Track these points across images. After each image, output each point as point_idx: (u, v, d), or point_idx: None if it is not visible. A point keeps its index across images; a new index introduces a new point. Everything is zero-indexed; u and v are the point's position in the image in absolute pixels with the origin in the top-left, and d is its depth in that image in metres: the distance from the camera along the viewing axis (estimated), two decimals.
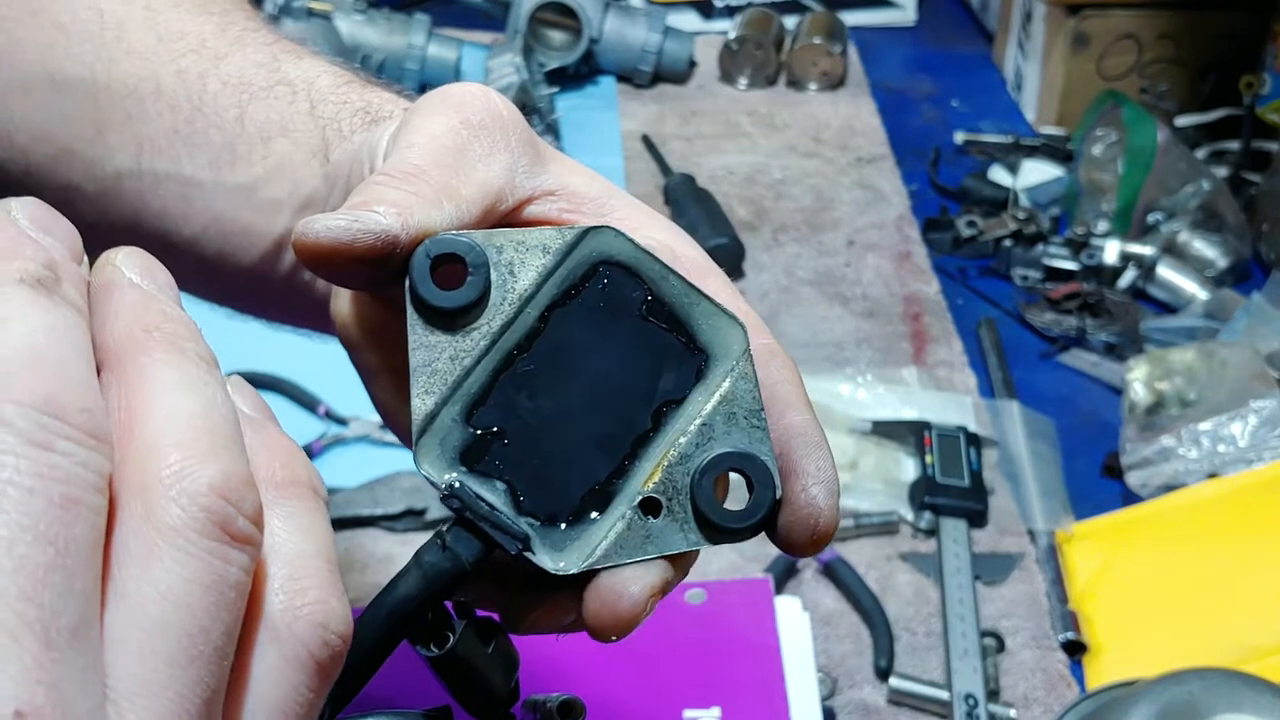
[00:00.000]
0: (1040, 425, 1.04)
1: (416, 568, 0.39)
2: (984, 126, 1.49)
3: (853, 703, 0.83)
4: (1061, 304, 1.17)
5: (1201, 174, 1.24)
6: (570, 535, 0.40)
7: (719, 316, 0.41)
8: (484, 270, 0.40)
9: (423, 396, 0.39)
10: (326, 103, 0.51)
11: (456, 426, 0.39)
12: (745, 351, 0.41)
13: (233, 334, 1.19)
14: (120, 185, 0.53)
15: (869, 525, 0.95)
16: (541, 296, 0.40)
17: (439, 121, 0.43)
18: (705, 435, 0.40)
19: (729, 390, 0.41)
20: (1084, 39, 1.40)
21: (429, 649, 0.39)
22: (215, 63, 0.52)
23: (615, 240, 0.41)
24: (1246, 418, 0.97)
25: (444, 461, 0.39)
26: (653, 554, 0.40)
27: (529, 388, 0.40)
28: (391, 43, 1.45)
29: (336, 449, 1.02)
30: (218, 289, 0.55)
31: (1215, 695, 0.68)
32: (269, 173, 0.51)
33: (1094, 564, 0.93)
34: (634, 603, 0.39)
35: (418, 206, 0.40)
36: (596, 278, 0.41)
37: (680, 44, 1.55)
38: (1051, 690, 0.84)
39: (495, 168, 0.43)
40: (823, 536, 0.40)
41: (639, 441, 0.40)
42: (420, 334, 0.40)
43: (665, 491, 0.40)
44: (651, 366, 0.41)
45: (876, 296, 1.21)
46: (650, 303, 0.41)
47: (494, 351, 0.40)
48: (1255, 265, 1.24)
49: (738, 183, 1.38)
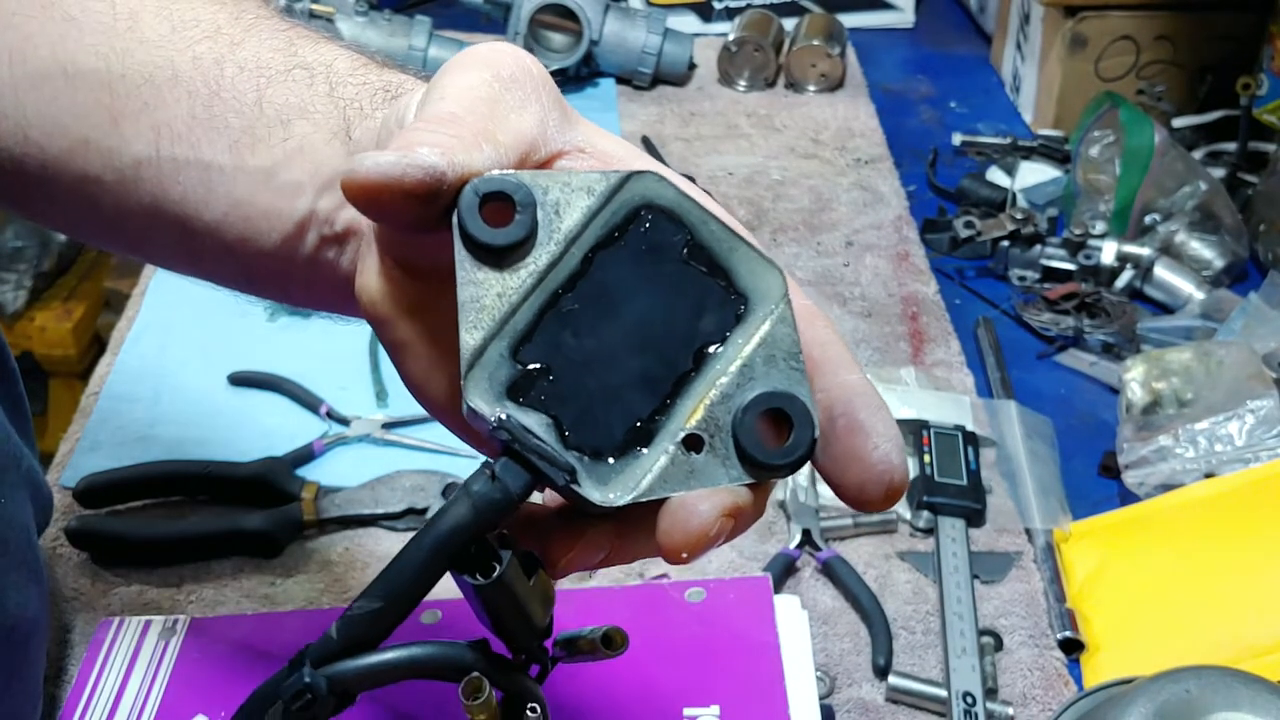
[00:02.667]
0: (1038, 425, 1.05)
1: (466, 498, 0.39)
2: (982, 128, 1.49)
3: (851, 701, 0.83)
4: (1059, 304, 1.18)
5: (1198, 175, 1.24)
6: (615, 469, 0.40)
7: (758, 262, 0.42)
8: (531, 209, 0.41)
9: (471, 331, 0.40)
10: (345, 84, 0.51)
11: (504, 362, 0.40)
12: (784, 296, 0.42)
13: (233, 334, 1.21)
14: (139, 173, 0.53)
15: (867, 524, 0.95)
16: (586, 237, 0.41)
17: (471, 75, 0.44)
18: (745, 376, 0.41)
19: (768, 333, 0.42)
20: (1081, 40, 1.41)
21: (475, 578, 0.40)
22: (231, 49, 0.52)
23: (658, 185, 0.42)
24: (1243, 417, 0.98)
25: (492, 395, 0.40)
26: (696, 488, 0.40)
27: (573, 326, 0.41)
28: (393, 45, 1.45)
29: (337, 449, 1.02)
30: (241, 273, 0.55)
31: (1212, 693, 0.68)
32: (289, 155, 0.51)
33: (1091, 563, 0.93)
34: (703, 521, 0.40)
35: (459, 147, 0.40)
36: (639, 221, 0.42)
37: (680, 46, 1.55)
38: (1049, 688, 0.84)
39: (528, 119, 0.43)
40: (896, 491, 0.41)
41: (680, 381, 0.41)
42: (468, 270, 0.40)
43: (707, 429, 0.41)
44: (692, 309, 0.42)
45: (875, 297, 1.21)
46: (691, 247, 0.42)
47: (540, 290, 0.41)
48: (1252, 266, 1.24)
49: (737, 184, 1.39)
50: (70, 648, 0.86)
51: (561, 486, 0.39)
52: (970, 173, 1.38)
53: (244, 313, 1.14)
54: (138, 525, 0.94)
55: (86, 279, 1.99)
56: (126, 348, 1.13)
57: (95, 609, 0.89)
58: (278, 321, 1.15)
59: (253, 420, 1.05)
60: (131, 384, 1.09)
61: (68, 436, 1.04)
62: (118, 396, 1.08)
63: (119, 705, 0.78)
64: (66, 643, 0.86)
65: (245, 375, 1.09)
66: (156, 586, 0.91)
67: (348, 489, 0.96)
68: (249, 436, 1.02)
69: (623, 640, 0.44)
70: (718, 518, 0.40)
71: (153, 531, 0.93)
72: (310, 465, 1.00)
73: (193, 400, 1.07)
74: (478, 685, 0.41)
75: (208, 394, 1.08)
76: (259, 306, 1.16)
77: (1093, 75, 1.42)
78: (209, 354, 1.11)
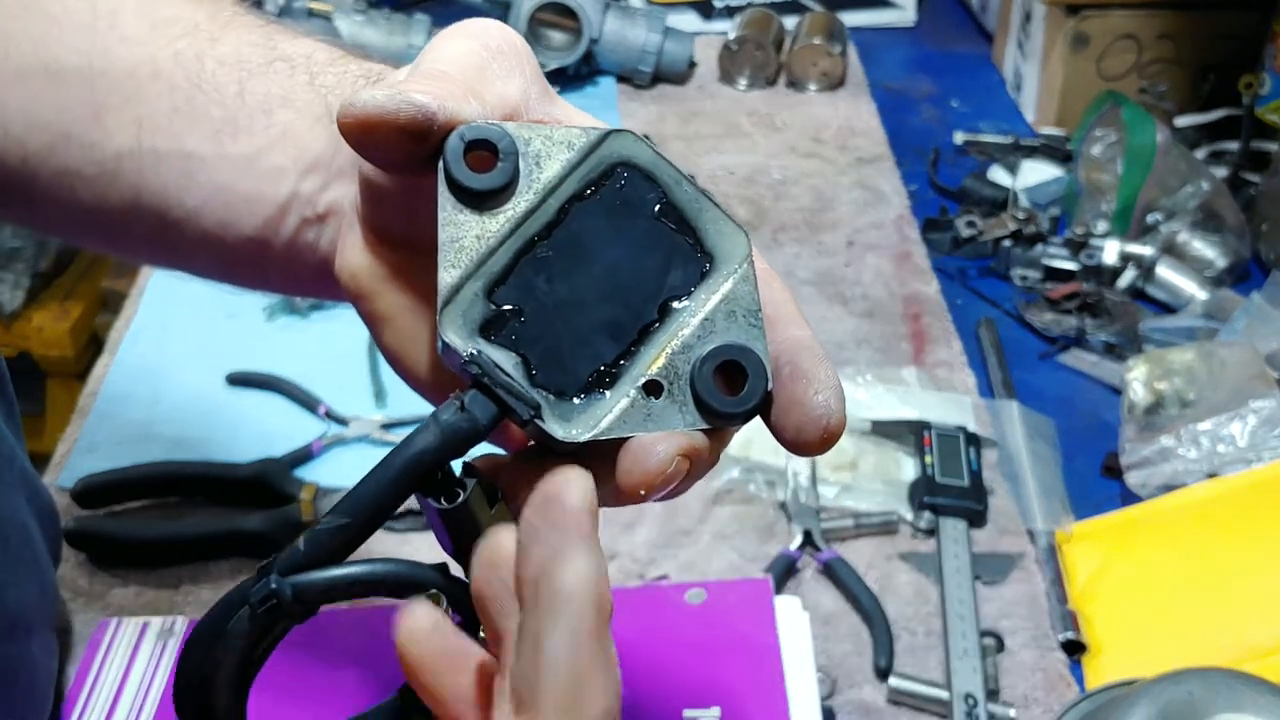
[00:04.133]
0: (1040, 425, 1.04)
1: (435, 425, 0.42)
2: (983, 127, 1.49)
3: (852, 702, 0.83)
4: (1061, 304, 1.18)
5: (1201, 174, 1.24)
6: (578, 409, 0.43)
7: (725, 223, 0.45)
8: (513, 158, 0.43)
9: (449, 269, 0.42)
10: (326, 73, 0.53)
11: (478, 300, 0.43)
12: (747, 256, 0.45)
13: (231, 334, 1.20)
14: (120, 166, 0.54)
15: (869, 525, 0.95)
16: (564, 189, 0.44)
17: (461, 44, 0.47)
18: (707, 329, 0.44)
19: (731, 290, 0.44)
20: (1083, 39, 1.40)
21: (439, 502, 0.42)
22: (211, 44, 0.54)
23: (635, 145, 0.45)
24: (1246, 418, 0.97)
25: (465, 331, 0.42)
26: (653, 430, 0.43)
27: (547, 272, 0.43)
28: (392, 43, 1.45)
29: (336, 449, 1.01)
30: (220, 261, 0.56)
31: (1215, 695, 0.68)
32: (272, 142, 0.52)
33: (1093, 564, 0.93)
34: (660, 460, 0.42)
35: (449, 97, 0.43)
36: (615, 177, 0.44)
37: (680, 44, 1.55)
38: (1051, 690, 0.84)
39: (512, 87, 0.46)
40: (833, 435, 0.44)
41: (645, 330, 0.44)
42: (450, 211, 0.43)
43: (667, 376, 0.43)
44: (661, 264, 0.44)
45: (876, 296, 1.21)
46: (663, 205, 0.45)
47: (516, 236, 0.43)
48: (1254, 265, 1.24)
49: (737, 183, 1.38)
50: (69, 648, 0.86)
51: (526, 420, 0.41)
52: (972, 172, 1.38)
53: (242, 313, 1.15)
54: (136, 526, 0.94)
55: (84, 279, 1.99)
56: (124, 348, 1.13)
57: (93, 610, 0.89)
58: (276, 321, 1.15)
59: (251, 421, 1.05)
60: (129, 384, 1.09)
61: (65, 437, 1.04)
62: (115, 397, 1.07)
63: (117, 705, 0.78)
64: (65, 643, 0.86)
65: (243, 375, 1.08)
66: (154, 587, 0.91)
67: (346, 489, 0.95)
68: (247, 437, 1.02)
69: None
70: (673, 458, 0.42)
71: (151, 532, 0.93)
72: (308, 466, 1.00)
73: (191, 400, 1.07)
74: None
75: (206, 394, 1.07)
76: (257, 306, 1.16)
77: (1095, 74, 1.41)
78: (207, 354, 1.11)
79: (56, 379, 1.92)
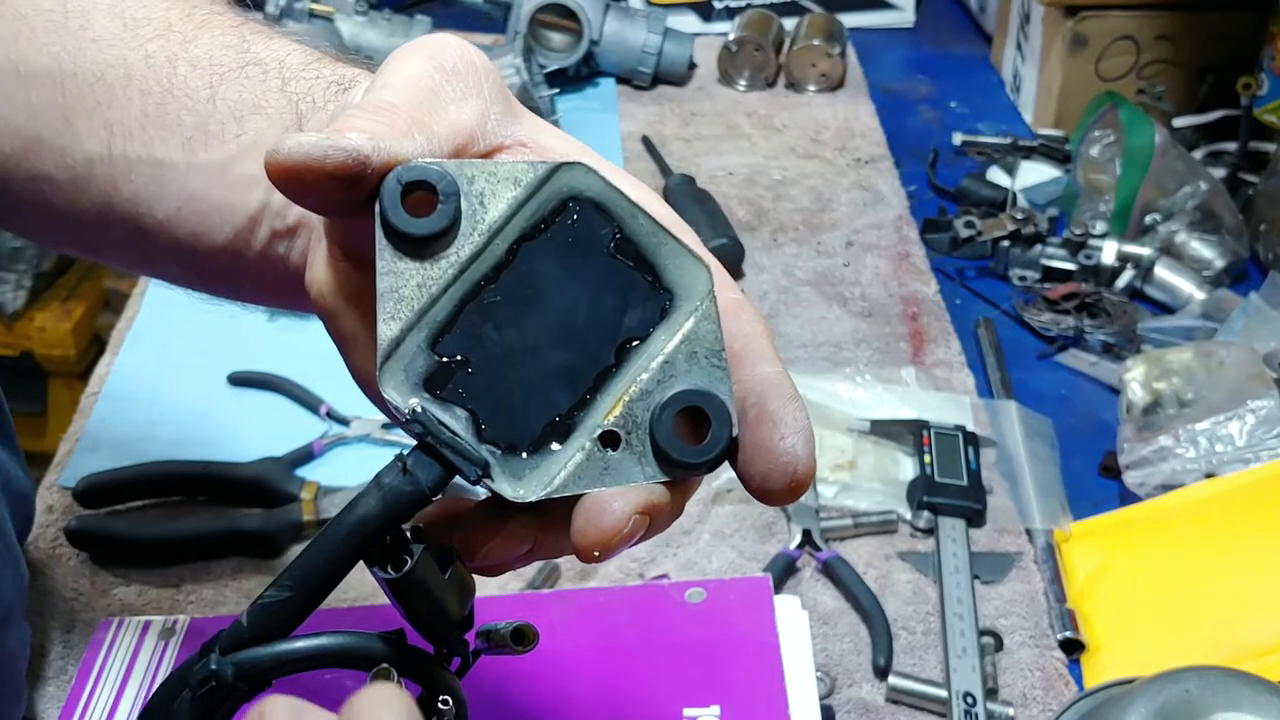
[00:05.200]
0: (1038, 425, 1.05)
1: (376, 490, 0.39)
2: (982, 128, 1.49)
3: (851, 701, 0.83)
4: (1059, 304, 1.18)
5: (1199, 175, 1.24)
6: (530, 464, 0.40)
7: (685, 257, 0.42)
8: (454, 199, 0.40)
9: (388, 322, 0.40)
10: (298, 79, 0.51)
11: (421, 353, 0.40)
12: (709, 293, 0.42)
13: (233, 334, 1.20)
14: (91, 172, 0.53)
15: (867, 524, 0.95)
16: (511, 229, 0.41)
17: (413, 66, 0.44)
18: (667, 373, 0.41)
19: (691, 330, 0.42)
20: (1082, 40, 1.41)
21: (386, 571, 0.39)
22: (184, 46, 0.52)
23: (586, 176, 0.42)
24: (1244, 417, 0.97)
25: (407, 387, 0.40)
26: (610, 485, 0.40)
27: (495, 318, 0.41)
28: (393, 44, 1.45)
29: (337, 448, 1.02)
30: (192, 271, 0.55)
31: (1213, 694, 0.68)
32: (243, 150, 0.51)
33: (1092, 563, 0.93)
34: (616, 519, 0.40)
35: (389, 134, 0.40)
36: (566, 213, 0.42)
37: (680, 46, 1.55)
38: (1049, 689, 0.84)
39: (467, 112, 0.43)
40: (800, 483, 0.41)
41: (601, 376, 0.41)
42: (388, 260, 0.40)
43: (625, 425, 0.41)
44: (617, 303, 0.42)
45: (875, 297, 1.21)
46: (619, 240, 0.42)
47: (461, 281, 0.41)
48: (1252, 266, 1.24)
49: (737, 184, 1.38)
50: (70, 648, 0.86)
51: (474, 481, 0.39)
52: (971, 173, 1.38)
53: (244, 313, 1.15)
54: (137, 525, 0.94)
55: (86, 279, 1.99)
56: (126, 348, 1.13)
57: (95, 609, 0.89)
58: (277, 322, 1.15)
59: (252, 420, 1.05)
60: (131, 384, 1.09)
61: (67, 437, 1.04)
62: (117, 397, 1.08)
63: (118, 705, 0.78)
64: (66, 643, 0.86)
65: (245, 375, 1.08)
66: (156, 587, 0.91)
67: (347, 489, 0.96)
68: (248, 437, 1.02)
69: (533, 636, 0.44)
70: (630, 515, 0.40)
71: (152, 532, 0.93)
72: (310, 465, 1.00)
73: (192, 400, 1.07)
74: (385, 675, 0.41)
75: (207, 394, 1.08)
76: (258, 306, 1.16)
77: (1093, 75, 1.42)
78: (209, 354, 1.11)
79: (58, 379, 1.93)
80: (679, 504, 0.42)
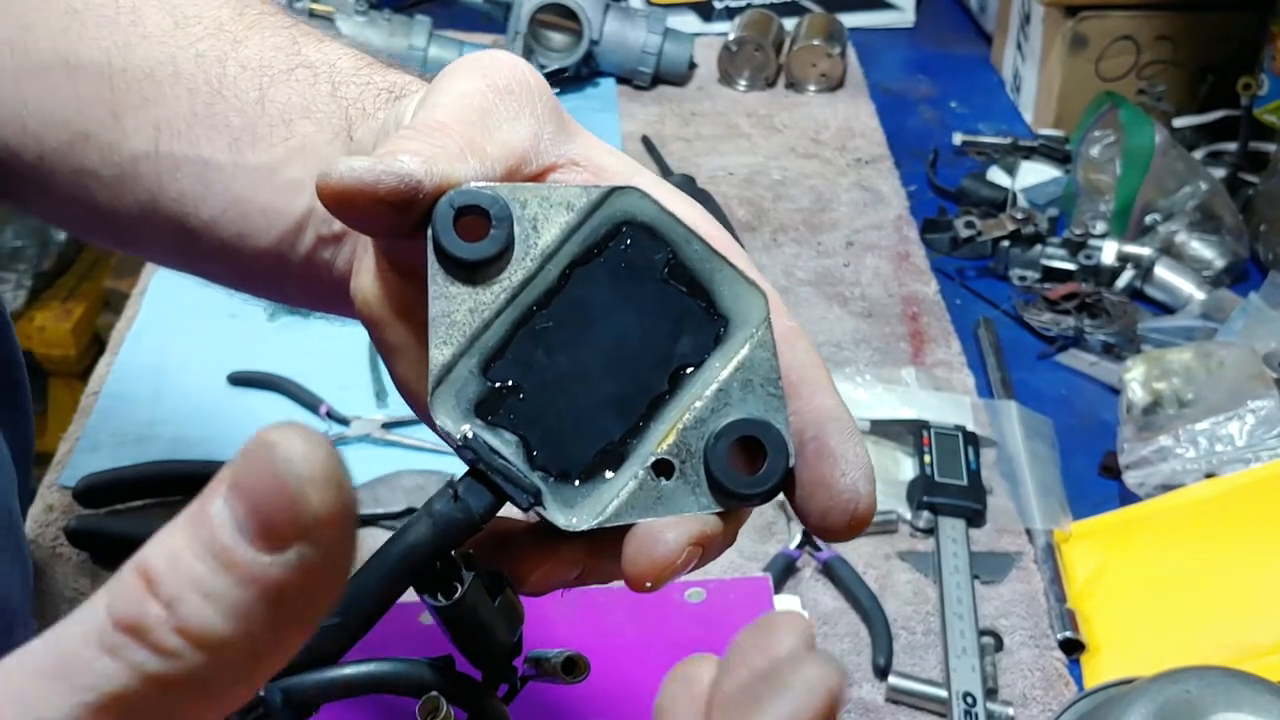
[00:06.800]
0: (1038, 425, 1.05)
1: (428, 516, 0.39)
2: (982, 128, 1.49)
3: (851, 701, 0.83)
4: (1059, 304, 1.18)
5: (1199, 175, 1.24)
6: (582, 492, 0.40)
7: (740, 284, 0.41)
8: (507, 224, 0.40)
9: (440, 347, 0.39)
10: (349, 84, 0.50)
11: (473, 379, 0.40)
12: (765, 319, 0.41)
13: (233, 334, 1.20)
14: (137, 169, 0.52)
15: None
16: (564, 254, 0.41)
17: (465, 83, 0.43)
18: (721, 401, 0.40)
19: (747, 357, 0.41)
20: (1082, 40, 1.41)
21: (436, 598, 0.39)
22: (234, 46, 0.52)
23: (640, 201, 0.41)
24: (1244, 418, 0.97)
25: (459, 412, 0.40)
26: (663, 514, 0.40)
27: (547, 344, 0.40)
28: (393, 44, 1.45)
29: (338, 449, 1.02)
30: (236, 271, 0.54)
31: (1213, 694, 0.68)
32: (290, 154, 0.50)
33: (1092, 563, 0.93)
34: (669, 550, 0.39)
35: (442, 157, 0.40)
36: (619, 238, 0.41)
37: (680, 46, 1.55)
38: (1049, 689, 0.84)
39: (520, 131, 0.43)
40: (861, 521, 0.40)
41: (654, 403, 0.40)
42: (440, 284, 0.40)
43: (678, 454, 0.40)
44: (670, 330, 0.41)
45: (875, 297, 1.21)
46: (672, 266, 0.41)
47: (513, 306, 0.40)
48: (1252, 266, 1.24)
49: (737, 184, 1.38)
50: None
51: (525, 508, 0.39)
52: (971, 173, 1.38)
53: (244, 313, 1.15)
54: (138, 525, 0.94)
55: (86, 279, 1.99)
56: (126, 347, 1.13)
57: None
58: (277, 321, 1.15)
59: (252, 420, 1.05)
60: (131, 384, 1.09)
61: (67, 436, 1.04)
62: (117, 396, 1.08)
63: None
64: None
65: (245, 375, 1.08)
66: None
67: None
68: (248, 437, 1.02)
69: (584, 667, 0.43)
70: (684, 547, 0.39)
71: (152, 531, 0.93)
72: None
73: (192, 400, 1.07)
74: (435, 705, 0.40)
75: (207, 394, 1.08)
76: (259, 306, 1.16)
77: (1093, 75, 1.42)
78: (209, 354, 1.11)
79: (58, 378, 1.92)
80: (731, 534, 0.41)
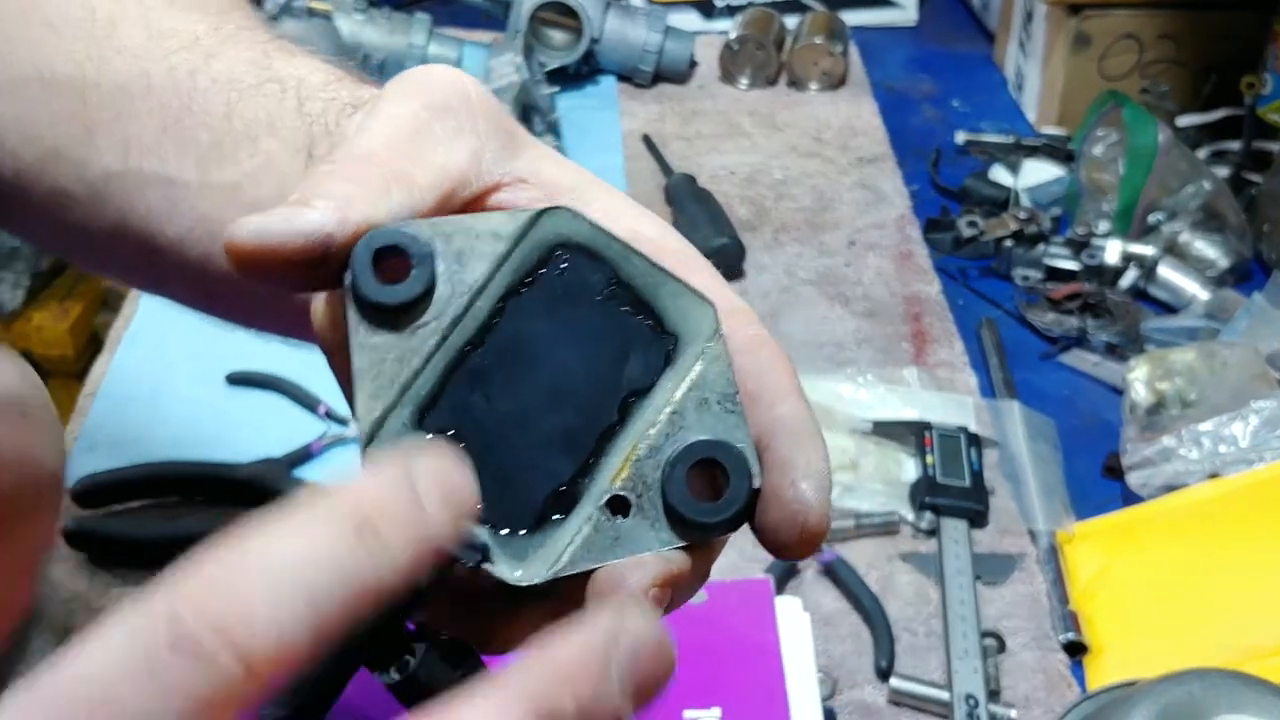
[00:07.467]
0: (1041, 425, 1.04)
1: None
2: (985, 126, 1.49)
3: (853, 703, 0.83)
4: (1062, 304, 1.17)
5: (1202, 174, 1.24)
6: (533, 542, 0.37)
7: (686, 296, 0.38)
8: (429, 261, 0.37)
9: (368, 402, 0.36)
10: (315, 99, 0.49)
11: (406, 431, 0.37)
12: (716, 331, 0.38)
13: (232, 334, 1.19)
14: (108, 187, 0.51)
15: (869, 525, 0.95)
16: (494, 286, 0.38)
17: (398, 105, 0.41)
18: (676, 424, 0.37)
19: (700, 374, 0.38)
20: (1085, 39, 1.40)
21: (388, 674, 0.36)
22: (206, 60, 0.51)
23: (572, 221, 0.38)
24: (1248, 418, 0.97)
25: None
26: (623, 556, 0.36)
27: (484, 386, 0.37)
28: (392, 42, 1.45)
29: (336, 449, 1.01)
30: (204, 293, 0.54)
31: (1216, 696, 0.68)
32: (255, 171, 0.49)
33: (1095, 564, 0.93)
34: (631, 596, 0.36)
35: (361, 197, 0.37)
36: (554, 262, 0.38)
37: (681, 44, 1.55)
38: (1052, 691, 0.84)
39: (458, 152, 0.40)
40: (812, 536, 0.37)
41: (605, 436, 0.37)
42: (363, 335, 0.37)
43: (634, 488, 0.37)
44: (617, 354, 0.38)
45: (877, 297, 1.21)
46: (613, 285, 0.38)
47: (445, 349, 0.37)
48: (1256, 265, 1.24)
49: (738, 183, 1.38)
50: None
51: (473, 566, 0.35)
52: (973, 172, 1.38)
53: None
54: (135, 526, 0.94)
55: (84, 278, 1.99)
56: (124, 347, 1.13)
57: (93, 610, 0.88)
58: None
59: (250, 420, 1.05)
60: (129, 384, 1.09)
61: (65, 436, 1.04)
62: (115, 396, 1.07)
63: None
64: (65, 644, 0.86)
65: (243, 375, 1.08)
66: None
67: None
68: (247, 437, 1.02)
69: None
70: (647, 589, 0.35)
71: (150, 532, 0.93)
72: (308, 465, 1.00)
73: (190, 400, 1.07)
74: None
75: (205, 394, 1.07)
76: None
77: (1096, 74, 1.41)
78: (207, 354, 1.10)
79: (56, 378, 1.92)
80: (702, 570, 0.38)
